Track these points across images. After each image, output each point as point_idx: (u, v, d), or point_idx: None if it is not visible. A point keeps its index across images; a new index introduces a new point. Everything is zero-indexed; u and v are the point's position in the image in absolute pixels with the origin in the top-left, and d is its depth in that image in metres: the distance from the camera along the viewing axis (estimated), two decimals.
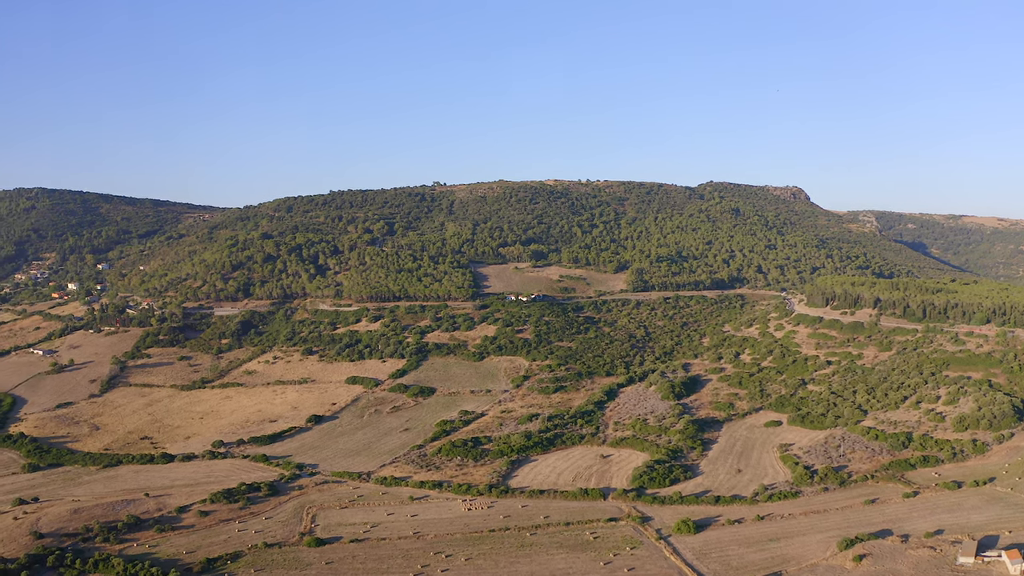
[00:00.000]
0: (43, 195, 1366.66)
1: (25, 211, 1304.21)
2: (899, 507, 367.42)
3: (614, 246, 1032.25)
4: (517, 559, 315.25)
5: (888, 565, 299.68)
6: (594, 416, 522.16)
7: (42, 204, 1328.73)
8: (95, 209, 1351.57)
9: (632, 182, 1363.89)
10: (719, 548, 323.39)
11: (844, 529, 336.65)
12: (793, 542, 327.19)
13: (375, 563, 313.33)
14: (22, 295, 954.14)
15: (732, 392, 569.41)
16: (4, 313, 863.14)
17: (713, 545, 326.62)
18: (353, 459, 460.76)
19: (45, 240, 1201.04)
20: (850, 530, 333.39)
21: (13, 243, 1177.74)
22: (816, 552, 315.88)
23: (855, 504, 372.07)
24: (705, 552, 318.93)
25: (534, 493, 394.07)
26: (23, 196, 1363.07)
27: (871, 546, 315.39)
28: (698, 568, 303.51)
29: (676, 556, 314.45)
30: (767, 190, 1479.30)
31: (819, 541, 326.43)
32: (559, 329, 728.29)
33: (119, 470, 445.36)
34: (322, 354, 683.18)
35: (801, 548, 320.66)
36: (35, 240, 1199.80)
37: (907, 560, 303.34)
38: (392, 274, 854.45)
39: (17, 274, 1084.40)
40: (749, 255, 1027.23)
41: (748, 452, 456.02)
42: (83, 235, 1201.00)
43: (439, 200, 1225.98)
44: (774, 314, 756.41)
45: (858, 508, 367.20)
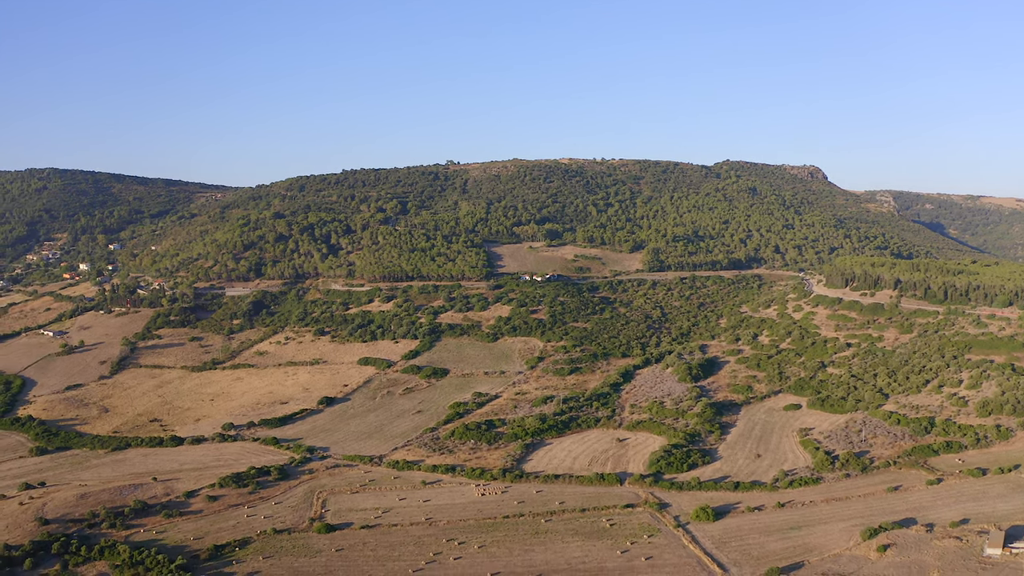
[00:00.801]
0: (54, 175, 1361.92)
1: (37, 191, 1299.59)
2: (923, 495, 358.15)
3: (629, 225, 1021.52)
4: (531, 547, 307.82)
5: (913, 556, 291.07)
6: (610, 398, 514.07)
7: (54, 184, 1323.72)
8: (107, 189, 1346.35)
9: (648, 160, 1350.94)
10: (739, 536, 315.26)
11: (867, 517, 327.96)
12: (815, 530, 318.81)
13: (386, 550, 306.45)
14: (33, 276, 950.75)
15: (750, 374, 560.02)
16: (15, 294, 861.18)
17: (733, 533, 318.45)
18: (365, 442, 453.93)
19: (57, 221, 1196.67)
20: (873, 519, 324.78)
21: (25, 224, 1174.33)
22: (839, 541, 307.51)
23: (878, 491, 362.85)
24: (725, 541, 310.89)
25: (549, 478, 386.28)
26: (34, 176, 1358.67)
27: (895, 536, 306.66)
28: (718, 557, 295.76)
29: (695, 544, 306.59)
30: (784, 169, 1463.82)
31: (842, 530, 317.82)
32: (574, 309, 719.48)
33: (127, 453, 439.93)
34: (334, 335, 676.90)
35: (823, 537, 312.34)
36: (47, 221, 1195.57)
37: (932, 551, 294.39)
38: (405, 254, 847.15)
39: (29, 255, 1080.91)
40: (766, 235, 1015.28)
41: (767, 436, 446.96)
42: (95, 215, 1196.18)
43: (453, 179, 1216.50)
44: (792, 295, 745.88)
45: (881, 495, 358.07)
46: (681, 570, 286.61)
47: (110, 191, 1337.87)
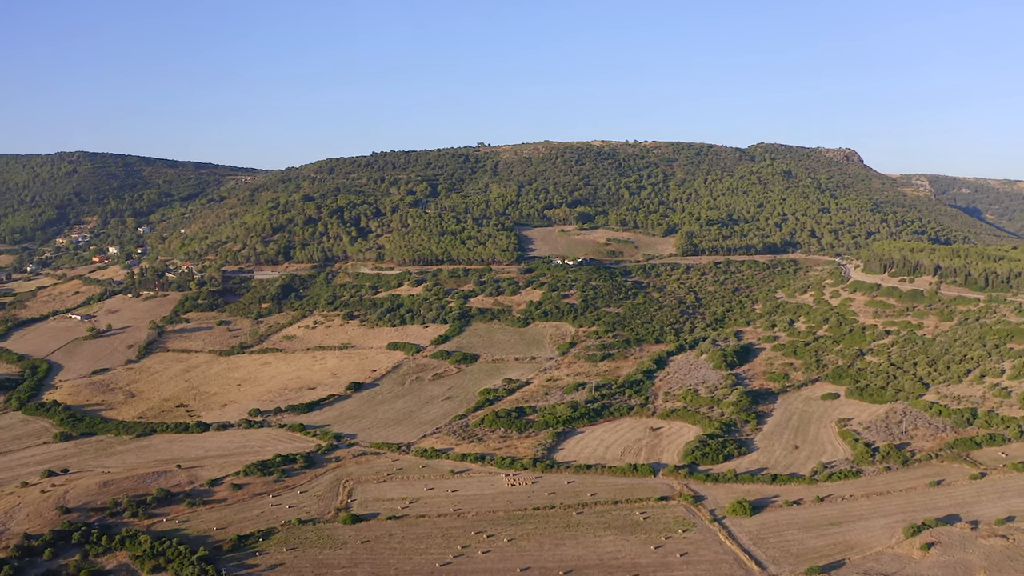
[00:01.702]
0: (84, 158, 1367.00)
1: (67, 175, 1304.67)
2: (966, 490, 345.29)
3: (663, 208, 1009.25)
4: (562, 540, 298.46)
5: (958, 555, 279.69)
6: (643, 386, 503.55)
7: (83, 168, 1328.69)
8: (137, 172, 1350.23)
9: (681, 143, 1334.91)
10: (777, 532, 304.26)
11: (909, 513, 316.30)
12: (855, 527, 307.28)
13: (413, 542, 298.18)
14: (63, 259, 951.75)
15: (787, 362, 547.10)
16: (44, 278, 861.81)
17: (770, 528, 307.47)
18: (393, 429, 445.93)
19: (86, 204, 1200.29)
20: (915, 514, 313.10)
21: (54, 207, 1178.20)
22: (880, 538, 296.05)
23: (919, 486, 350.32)
24: (762, 536, 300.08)
25: (580, 468, 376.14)
26: (64, 160, 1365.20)
27: (939, 533, 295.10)
28: (755, 554, 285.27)
29: (731, 540, 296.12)
30: (819, 152, 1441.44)
31: (883, 526, 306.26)
32: (606, 294, 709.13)
33: (152, 439, 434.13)
34: (363, 319, 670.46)
35: (864, 533, 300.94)
36: (76, 204, 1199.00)
37: (978, 550, 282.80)
38: (435, 237, 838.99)
39: (58, 238, 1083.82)
40: (802, 219, 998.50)
41: (805, 426, 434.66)
42: (124, 198, 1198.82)
43: (483, 161, 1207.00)
44: (829, 280, 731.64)
45: (923, 490, 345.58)
46: (717, 567, 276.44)
47: (140, 174, 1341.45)
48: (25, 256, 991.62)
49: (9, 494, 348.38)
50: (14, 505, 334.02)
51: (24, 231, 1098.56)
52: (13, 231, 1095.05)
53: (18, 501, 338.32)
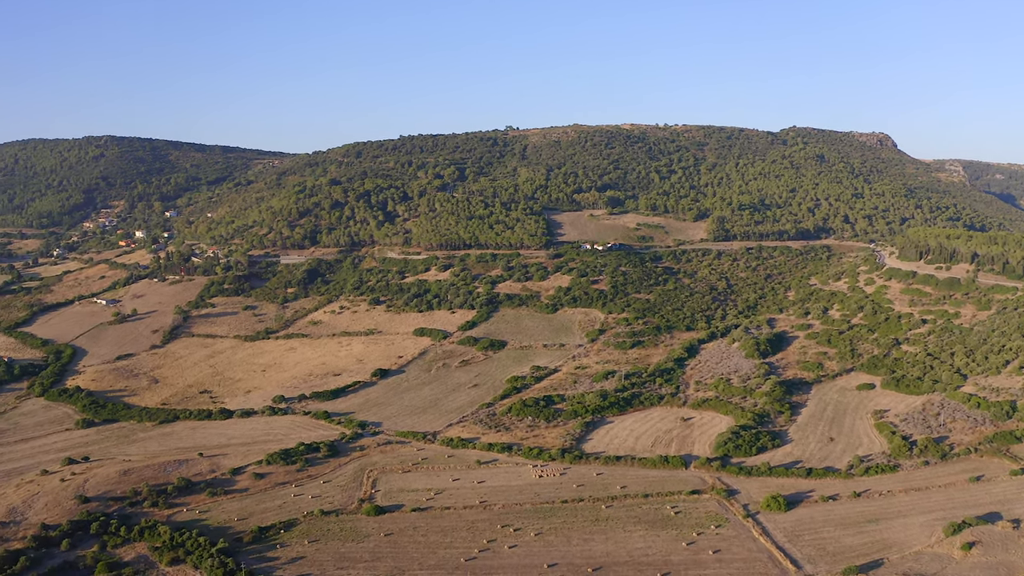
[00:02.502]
0: (112, 143, 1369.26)
1: (94, 159, 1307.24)
2: (1007, 486, 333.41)
3: (693, 193, 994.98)
4: (591, 535, 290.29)
5: (1000, 556, 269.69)
6: (674, 374, 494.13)
7: (111, 152, 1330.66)
8: (164, 156, 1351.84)
9: (712, 126, 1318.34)
10: (812, 529, 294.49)
11: (948, 510, 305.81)
12: (893, 524, 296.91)
13: (437, 536, 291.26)
14: (89, 243, 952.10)
15: (821, 351, 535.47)
16: (71, 262, 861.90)
17: (806, 525, 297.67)
18: (418, 417, 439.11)
19: (114, 188, 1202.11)
20: (955, 512, 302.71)
21: (82, 191, 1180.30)
22: (919, 537, 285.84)
23: (959, 481, 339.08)
24: (797, 534, 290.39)
25: (610, 459, 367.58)
26: (92, 144, 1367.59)
27: (980, 532, 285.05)
28: (790, 552, 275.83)
29: (765, 537, 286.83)
30: (852, 136, 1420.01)
31: (922, 524, 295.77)
32: (636, 280, 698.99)
33: (175, 426, 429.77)
34: (389, 304, 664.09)
35: (903, 532, 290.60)
36: (103, 188, 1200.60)
37: (1021, 550, 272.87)
38: (463, 221, 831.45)
39: (86, 222, 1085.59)
40: (835, 204, 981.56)
41: (840, 418, 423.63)
42: (152, 182, 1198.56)
43: (511, 145, 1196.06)
44: (864, 267, 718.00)
45: (962, 486, 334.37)
46: (751, 566, 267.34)
47: (167, 158, 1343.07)
48: (52, 240, 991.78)
49: (29, 482, 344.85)
50: (33, 494, 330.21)
51: (51, 215, 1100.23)
52: (40, 215, 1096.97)
53: (37, 490, 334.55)
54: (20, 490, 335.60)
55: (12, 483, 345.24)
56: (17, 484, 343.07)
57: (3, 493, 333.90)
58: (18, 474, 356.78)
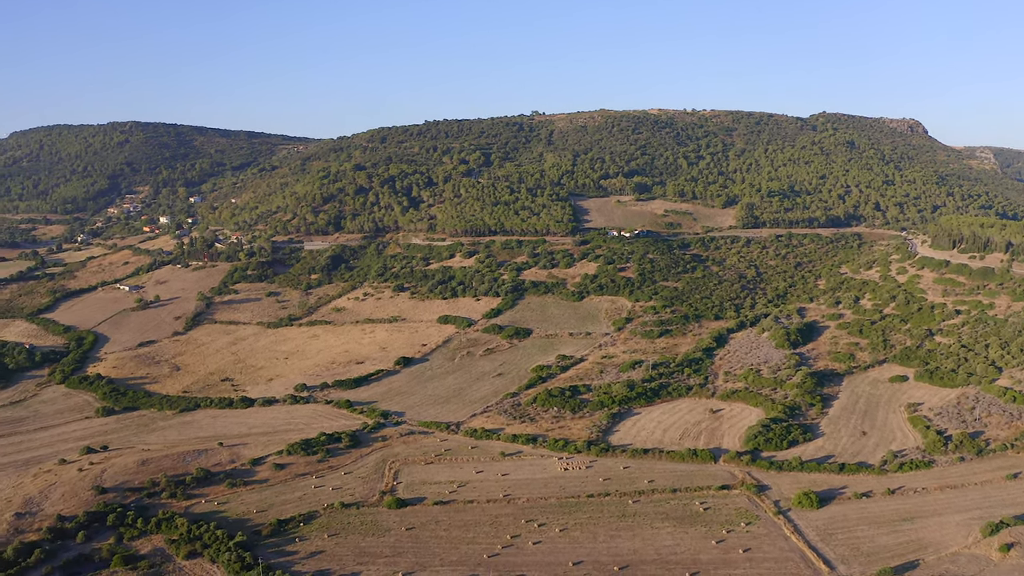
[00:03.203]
0: (137, 128, 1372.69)
1: (119, 145, 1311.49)
2: None
3: (722, 179, 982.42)
4: (618, 531, 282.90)
5: None
6: (702, 365, 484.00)
7: (136, 138, 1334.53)
8: (189, 142, 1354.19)
9: (740, 112, 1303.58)
10: (845, 528, 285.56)
11: (985, 509, 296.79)
12: (929, 523, 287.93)
13: (460, 530, 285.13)
14: (114, 229, 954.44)
15: (852, 341, 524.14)
16: (95, 248, 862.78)
17: (839, 523, 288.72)
18: (442, 407, 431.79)
19: (138, 174, 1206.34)
20: (992, 511, 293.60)
21: (106, 177, 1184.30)
22: (956, 537, 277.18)
23: (995, 478, 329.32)
24: (830, 532, 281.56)
25: (637, 452, 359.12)
26: (117, 130, 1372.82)
27: (1019, 532, 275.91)
28: (823, 552, 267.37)
29: (797, 535, 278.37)
30: (882, 122, 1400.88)
31: (958, 523, 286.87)
32: (664, 267, 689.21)
33: (195, 415, 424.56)
34: (414, 291, 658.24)
35: (938, 531, 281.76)
36: (128, 174, 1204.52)
37: None
38: (488, 207, 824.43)
39: (110, 208, 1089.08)
40: (866, 191, 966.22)
41: (872, 411, 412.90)
42: (176, 168, 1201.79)
43: (537, 130, 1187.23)
44: (895, 256, 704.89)
45: (999, 483, 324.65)
46: (783, 566, 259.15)
47: (192, 143, 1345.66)
48: (76, 226, 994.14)
49: (47, 472, 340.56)
50: (50, 484, 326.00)
51: (76, 201, 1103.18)
52: (65, 201, 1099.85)
53: (55, 480, 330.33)
54: (37, 480, 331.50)
55: (30, 472, 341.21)
56: (35, 474, 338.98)
57: (20, 483, 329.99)
58: (36, 463, 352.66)
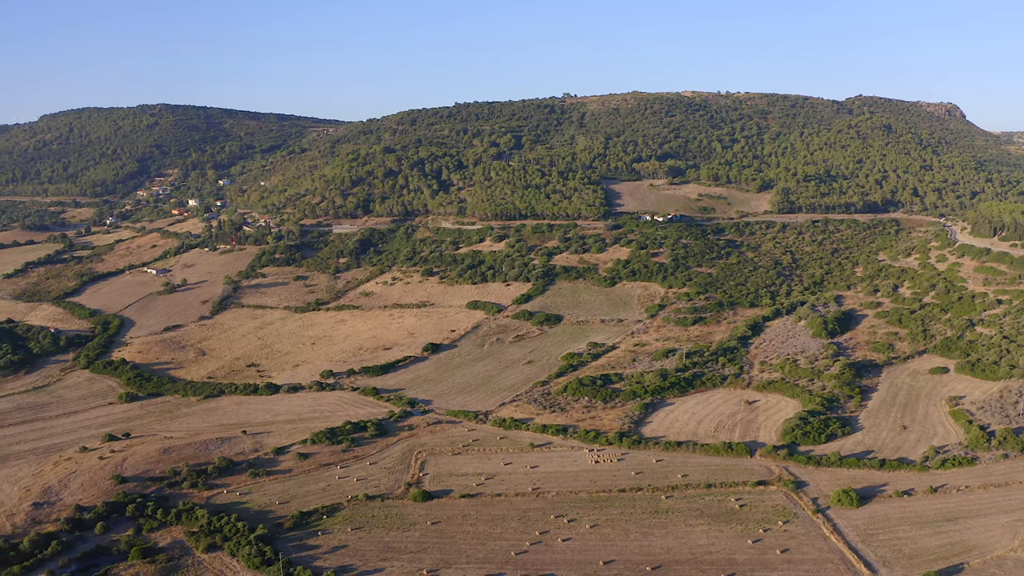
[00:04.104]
0: (166, 111, 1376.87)
1: (148, 127, 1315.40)
2: None
3: (757, 163, 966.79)
4: (650, 529, 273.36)
5: None
6: (737, 354, 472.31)
7: (165, 120, 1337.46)
8: (218, 124, 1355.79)
9: (775, 94, 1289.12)
10: (887, 528, 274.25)
11: None
12: (973, 524, 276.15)
13: (487, 525, 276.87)
14: (142, 212, 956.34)
15: (891, 331, 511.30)
16: (123, 230, 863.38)
17: (880, 523, 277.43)
18: (470, 395, 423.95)
19: (167, 156, 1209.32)
20: None
21: (136, 160, 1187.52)
22: (1001, 540, 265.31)
23: None
24: (871, 533, 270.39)
25: (670, 445, 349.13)
26: (146, 112, 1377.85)
27: None
28: (864, 554, 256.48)
29: (837, 535, 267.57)
30: (919, 106, 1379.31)
31: (1004, 525, 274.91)
32: (698, 253, 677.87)
33: (220, 401, 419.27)
34: (443, 275, 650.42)
35: (983, 533, 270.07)
36: (158, 157, 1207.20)
37: None
38: (518, 190, 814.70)
39: (139, 191, 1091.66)
40: (903, 176, 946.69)
41: (913, 404, 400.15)
42: (206, 151, 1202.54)
43: (569, 112, 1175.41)
44: (935, 243, 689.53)
45: None
46: (822, 568, 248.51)
47: (221, 126, 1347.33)
48: (106, 209, 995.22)
49: (67, 459, 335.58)
50: (70, 472, 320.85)
51: (105, 184, 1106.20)
52: (94, 184, 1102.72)
53: (75, 468, 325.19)
54: (57, 468, 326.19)
55: (50, 460, 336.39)
56: (55, 461, 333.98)
57: (40, 471, 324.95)
58: (57, 450, 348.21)
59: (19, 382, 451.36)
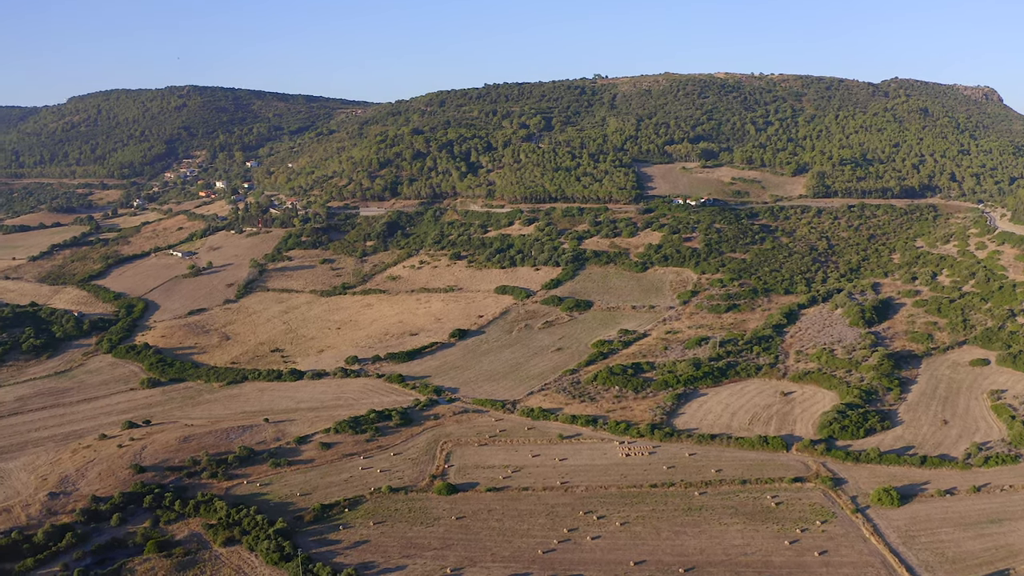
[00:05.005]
0: (194, 93, 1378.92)
1: (176, 109, 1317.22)
2: None
3: (791, 146, 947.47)
4: (683, 527, 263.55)
5: None
6: (772, 343, 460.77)
7: (193, 102, 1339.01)
8: (246, 106, 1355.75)
9: (810, 76, 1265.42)
10: (929, 529, 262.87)
11: None
12: (1018, 526, 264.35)
13: (513, 521, 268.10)
14: (169, 194, 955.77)
15: (930, 321, 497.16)
16: (150, 212, 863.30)
17: (922, 524, 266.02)
18: (497, 383, 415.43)
19: (195, 138, 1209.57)
20: None
21: (163, 141, 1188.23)
22: None
23: None
24: (912, 535, 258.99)
25: (704, 438, 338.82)
26: (174, 94, 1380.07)
27: None
28: (905, 557, 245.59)
29: (877, 537, 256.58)
30: (956, 89, 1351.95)
31: None
32: (731, 238, 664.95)
33: (243, 388, 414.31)
34: (471, 259, 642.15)
35: None
36: (185, 138, 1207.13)
37: None
38: (548, 173, 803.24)
39: (167, 172, 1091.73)
40: (940, 160, 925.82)
41: (953, 397, 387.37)
42: (233, 132, 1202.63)
43: (600, 94, 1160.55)
44: (974, 230, 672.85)
45: None
46: (863, 573, 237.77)
47: (250, 107, 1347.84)
48: (133, 191, 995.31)
49: (86, 447, 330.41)
50: (88, 461, 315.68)
51: (133, 166, 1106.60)
52: (122, 166, 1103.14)
53: (93, 456, 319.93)
54: (76, 456, 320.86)
55: (69, 448, 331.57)
56: (74, 449, 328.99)
57: (59, 459, 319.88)
58: (76, 437, 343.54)
59: (41, 367, 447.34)
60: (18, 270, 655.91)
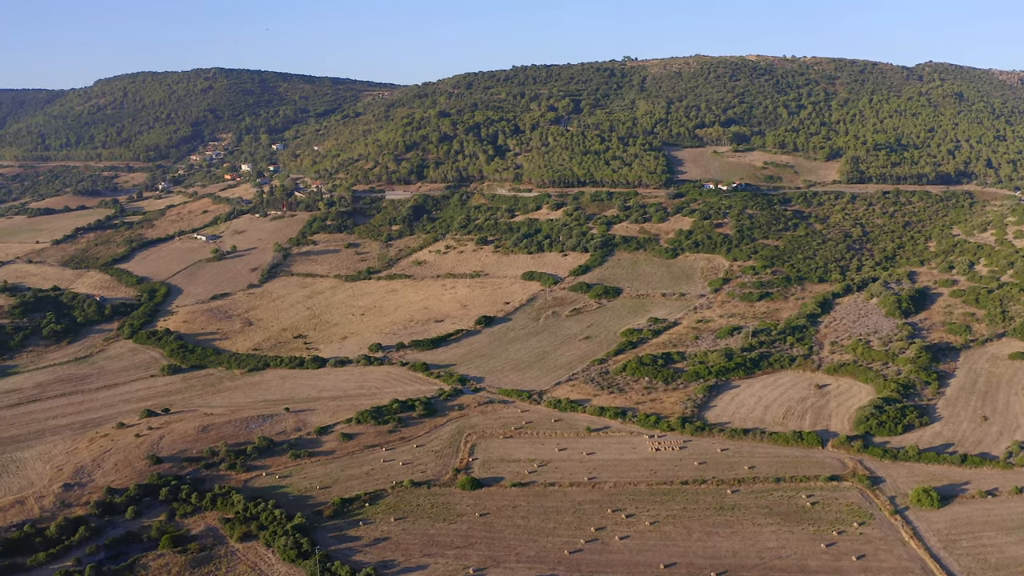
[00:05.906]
0: (220, 75, 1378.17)
1: (202, 91, 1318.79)
2: None
3: (824, 130, 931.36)
4: (714, 527, 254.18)
5: None
6: (806, 333, 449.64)
7: (219, 84, 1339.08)
8: (273, 88, 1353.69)
9: (843, 59, 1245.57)
10: (970, 533, 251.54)
11: None
12: None
13: (538, 519, 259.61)
14: (195, 177, 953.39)
15: (968, 311, 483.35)
16: (175, 196, 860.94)
17: (963, 527, 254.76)
18: (524, 373, 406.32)
19: (221, 121, 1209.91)
20: None
21: (189, 124, 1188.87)
22: None
23: None
24: (953, 538, 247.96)
25: (736, 432, 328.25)
26: (200, 76, 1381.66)
27: None
28: (946, 563, 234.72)
29: (917, 541, 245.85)
30: (991, 74, 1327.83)
31: None
32: (764, 224, 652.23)
33: (264, 375, 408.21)
34: (497, 244, 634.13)
35: None
36: (211, 121, 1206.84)
37: None
38: (577, 156, 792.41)
39: (192, 155, 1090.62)
40: (976, 146, 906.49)
41: (993, 393, 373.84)
42: (260, 115, 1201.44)
43: (629, 76, 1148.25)
44: (1011, 218, 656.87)
45: None
46: None
47: (276, 90, 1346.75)
48: (158, 174, 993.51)
49: (103, 436, 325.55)
50: (105, 451, 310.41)
51: (159, 149, 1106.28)
52: (147, 149, 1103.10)
53: (110, 446, 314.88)
54: (92, 445, 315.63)
55: (86, 437, 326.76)
56: (91, 438, 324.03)
57: (75, 448, 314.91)
58: (94, 426, 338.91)
59: (61, 352, 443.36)
60: (41, 254, 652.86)
